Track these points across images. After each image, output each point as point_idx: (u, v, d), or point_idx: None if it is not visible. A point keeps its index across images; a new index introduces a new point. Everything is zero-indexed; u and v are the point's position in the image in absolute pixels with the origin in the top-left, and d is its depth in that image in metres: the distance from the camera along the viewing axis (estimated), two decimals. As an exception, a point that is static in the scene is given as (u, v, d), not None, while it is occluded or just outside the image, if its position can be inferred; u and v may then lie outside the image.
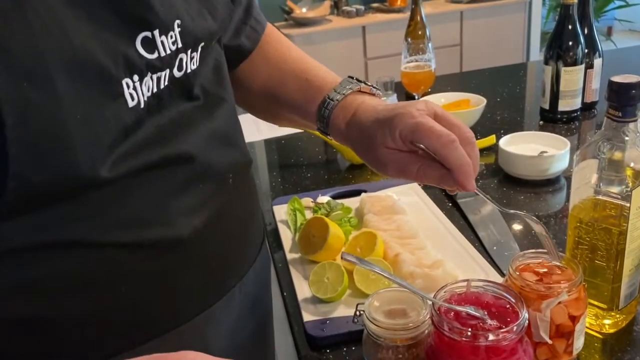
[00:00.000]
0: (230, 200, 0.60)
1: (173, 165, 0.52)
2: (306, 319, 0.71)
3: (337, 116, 0.66)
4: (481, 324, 0.53)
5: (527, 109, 1.44)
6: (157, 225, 0.51)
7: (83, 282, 0.48)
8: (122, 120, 0.47)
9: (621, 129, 0.60)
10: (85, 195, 0.46)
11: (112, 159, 0.46)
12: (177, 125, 0.53)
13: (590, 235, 0.64)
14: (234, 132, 0.64)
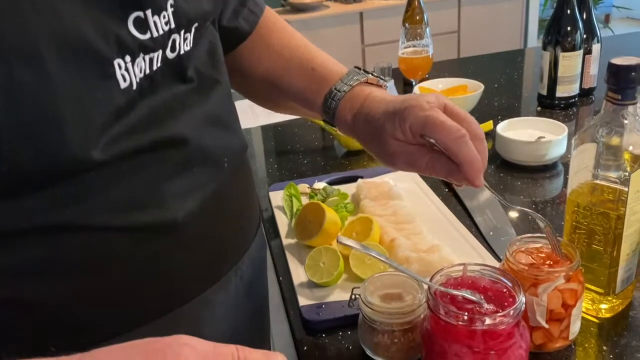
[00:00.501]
0: (225, 184, 0.59)
1: (166, 148, 0.51)
2: (302, 304, 0.71)
3: (343, 107, 0.65)
4: (478, 308, 0.53)
5: (524, 95, 1.44)
6: (151, 208, 0.51)
7: (75, 266, 0.48)
8: (114, 101, 0.47)
9: (620, 112, 0.60)
10: (78, 177, 0.45)
11: (104, 141, 0.46)
12: (170, 107, 0.52)
13: (587, 219, 0.64)
14: (229, 115, 0.63)
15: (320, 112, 0.68)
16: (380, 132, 0.60)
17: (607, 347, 0.63)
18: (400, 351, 0.61)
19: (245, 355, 0.37)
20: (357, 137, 0.66)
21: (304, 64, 0.71)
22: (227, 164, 0.59)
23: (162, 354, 0.36)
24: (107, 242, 0.48)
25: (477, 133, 0.57)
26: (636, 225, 0.63)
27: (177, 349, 0.36)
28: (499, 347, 0.51)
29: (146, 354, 0.36)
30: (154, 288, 0.53)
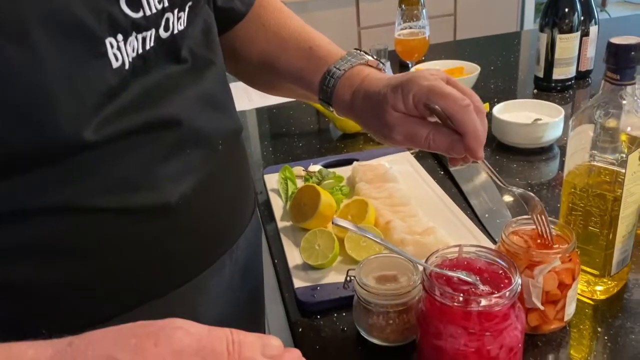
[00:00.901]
0: (220, 166, 0.58)
1: (160, 129, 0.51)
2: (297, 286, 0.71)
3: (342, 86, 0.64)
4: (473, 290, 0.52)
5: (521, 77, 1.43)
6: (144, 190, 0.50)
7: (68, 248, 0.47)
8: (106, 81, 0.46)
9: (618, 92, 0.59)
10: (70, 158, 0.45)
11: (96, 121, 0.45)
12: (163, 88, 0.51)
13: (584, 201, 0.63)
14: (224, 97, 0.62)
15: (317, 92, 0.67)
16: (381, 105, 0.59)
17: (601, 328, 0.63)
18: (395, 332, 0.61)
19: (240, 338, 0.37)
20: (355, 116, 0.64)
21: (302, 44, 0.70)
22: (221, 146, 0.58)
23: (155, 337, 0.35)
24: (100, 224, 0.48)
25: (478, 106, 0.57)
26: (633, 207, 0.63)
27: (170, 332, 0.36)
28: (495, 329, 0.51)
29: (139, 336, 0.36)
30: (148, 271, 0.52)
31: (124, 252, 0.50)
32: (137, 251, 0.51)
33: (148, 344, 0.35)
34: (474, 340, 0.51)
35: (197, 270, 0.57)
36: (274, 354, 0.38)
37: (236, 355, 0.36)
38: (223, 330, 0.37)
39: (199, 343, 0.36)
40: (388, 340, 0.61)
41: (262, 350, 0.38)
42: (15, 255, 0.45)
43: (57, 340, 0.37)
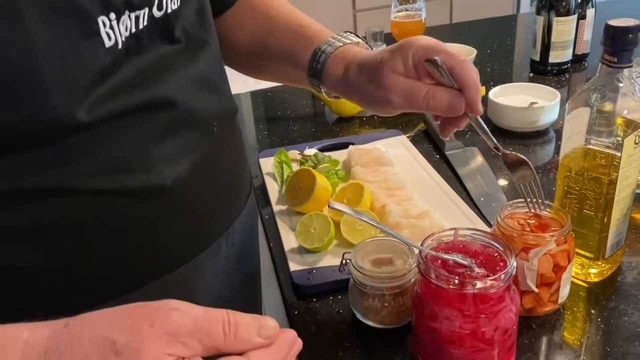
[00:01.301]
0: (215, 148, 0.58)
1: (154, 110, 0.50)
2: (292, 269, 0.71)
3: (333, 61, 0.64)
4: (469, 272, 0.52)
5: (517, 60, 1.42)
6: (139, 172, 0.50)
7: (62, 230, 0.47)
8: (99, 60, 0.45)
9: (615, 75, 0.59)
10: (63, 139, 0.44)
11: (89, 101, 0.45)
12: (157, 68, 0.51)
13: (579, 184, 0.63)
14: (219, 78, 0.61)
15: (307, 69, 0.66)
16: (378, 69, 0.58)
17: (595, 310, 0.63)
18: (391, 315, 0.61)
19: (236, 319, 0.37)
20: (348, 89, 0.63)
21: (290, 23, 0.69)
22: (217, 128, 0.58)
23: (151, 318, 0.35)
24: (94, 206, 0.48)
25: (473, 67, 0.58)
26: (627, 190, 0.63)
27: (166, 313, 0.36)
28: (490, 311, 0.51)
29: (135, 317, 0.36)
30: (143, 253, 0.52)
31: (119, 234, 0.50)
32: (132, 233, 0.51)
33: (144, 324, 0.35)
34: (469, 323, 0.51)
35: (193, 253, 0.57)
36: (270, 335, 0.38)
37: (232, 336, 0.36)
38: (219, 311, 0.37)
39: (195, 324, 0.36)
40: (383, 323, 0.62)
41: (258, 331, 0.38)
42: (7, 237, 0.45)
43: (53, 321, 0.36)
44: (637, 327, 0.60)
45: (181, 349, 0.35)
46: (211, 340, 0.36)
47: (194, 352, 0.36)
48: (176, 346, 0.35)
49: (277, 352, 0.38)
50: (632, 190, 0.64)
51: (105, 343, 0.34)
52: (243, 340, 0.37)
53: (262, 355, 0.37)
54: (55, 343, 0.35)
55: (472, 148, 0.98)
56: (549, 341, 0.60)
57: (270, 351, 0.38)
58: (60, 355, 0.34)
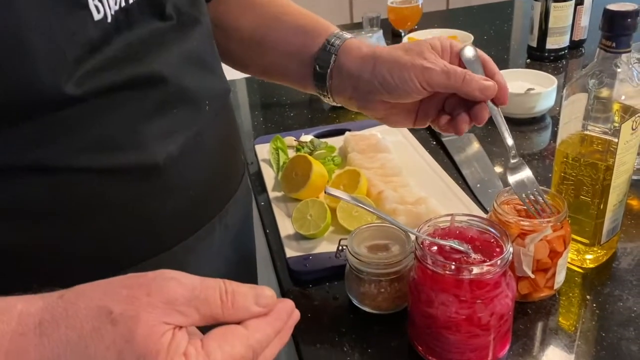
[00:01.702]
0: (207, 127, 0.57)
1: (144, 87, 0.50)
2: (289, 255, 0.71)
3: (356, 43, 0.63)
4: (465, 258, 0.52)
5: (514, 46, 1.41)
6: (129, 149, 0.49)
7: (50, 208, 0.47)
8: (88, 33, 0.45)
9: (613, 60, 0.58)
10: (52, 114, 0.44)
11: (78, 75, 0.44)
12: (148, 44, 0.50)
13: (576, 170, 0.63)
14: (211, 57, 0.61)
15: (315, 54, 0.64)
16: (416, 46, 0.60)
17: (590, 296, 0.63)
18: (387, 300, 0.61)
19: (233, 288, 0.37)
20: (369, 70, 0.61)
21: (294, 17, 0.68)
22: (208, 107, 0.57)
23: (147, 287, 0.35)
24: (84, 184, 0.47)
25: None
26: (624, 176, 0.63)
27: (162, 282, 0.36)
28: (486, 297, 0.51)
29: (131, 287, 0.35)
30: (135, 232, 0.52)
31: (110, 212, 0.50)
32: (123, 212, 0.50)
33: (140, 293, 0.35)
34: (465, 308, 0.51)
35: (186, 234, 0.57)
36: (268, 303, 0.38)
37: (229, 304, 0.36)
38: (216, 280, 0.37)
39: (192, 293, 0.36)
40: (380, 308, 0.62)
41: (256, 299, 0.38)
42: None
43: (47, 294, 0.36)
44: (631, 312, 0.61)
45: (178, 318, 0.35)
46: (208, 308, 0.36)
47: (191, 321, 0.35)
48: (173, 315, 0.35)
49: (274, 320, 0.38)
50: (629, 176, 0.64)
51: (101, 312, 0.34)
52: (240, 308, 0.37)
53: (260, 324, 0.37)
54: (50, 313, 0.35)
55: (469, 135, 0.98)
56: (544, 326, 0.60)
57: (268, 319, 0.38)
58: (55, 325, 0.34)
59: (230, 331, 0.36)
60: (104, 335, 0.34)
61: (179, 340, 0.34)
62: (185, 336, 0.35)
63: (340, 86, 0.64)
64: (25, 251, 0.47)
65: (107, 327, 0.34)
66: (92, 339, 0.34)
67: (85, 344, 0.34)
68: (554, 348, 0.58)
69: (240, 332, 0.36)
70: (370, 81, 0.61)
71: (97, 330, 0.34)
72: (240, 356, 0.35)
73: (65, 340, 0.34)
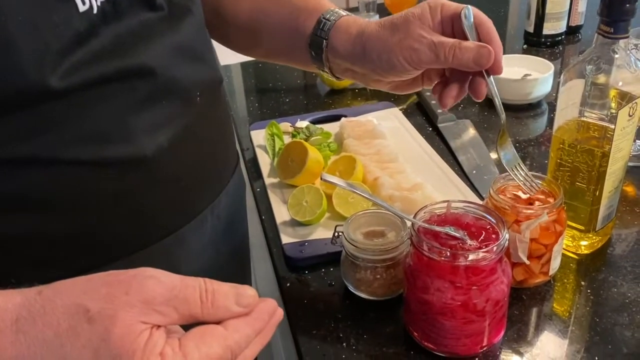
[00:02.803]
0: (197, 119, 0.57)
1: (133, 79, 0.49)
2: (284, 241, 0.71)
3: (343, 23, 0.61)
4: (461, 245, 0.52)
5: (510, 32, 1.41)
6: (118, 142, 0.49)
7: (39, 201, 0.46)
8: (73, 25, 0.44)
9: (611, 46, 0.58)
10: (38, 107, 0.43)
11: (63, 68, 0.44)
12: (137, 36, 0.49)
13: (572, 157, 0.63)
14: (202, 46, 0.60)
15: (308, 38, 0.63)
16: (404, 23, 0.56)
17: (585, 282, 0.64)
18: (382, 287, 0.61)
19: (214, 287, 0.37)
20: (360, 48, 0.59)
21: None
22: (199, 98, 0.57)
23: (126, 286, 0.35)
24: (75, 177, 0.47)
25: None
26: (620, 162, 0.63)
27: (142, 280, 0.35)
28: (481, 283, 0.51)
29: (110, 285, 0.35)
30: (125, 224, 0.52)
31: (100, 205, 0.49)
32: (113, 204, 0.50)
33: (119, 292, 0.34)
34: (461, 294, 0.51)
35: (177, 225, 0.57)
36: (249, 303, 0.38)
37: (209, 304, 0.36)
38: (196, 279, 0.37)
39: (171, 292, 0.35)
40: (375, 295, 0.62)
41: (237, 299, 0.37)
42: None
43: (25, 289, 0.36)
44: (625, 298, 0.61)
45: (156, 317, 0.35)
46: (187, 308, 0.36)
47: (169, 320, 0.35)
48: (151, 314, 0.34)
49: (255, 321, 0.38)
50: (625, 162, 0.64)
51: (78, 310, 0.34)
52: (220, 308, 0.37)
53: (240, 324, 0.37)
54: (27, 310, 0.34)
55: (465, 121, 0.97)
56: (539, 312, 0.61)
57: (248, 320, 0.38)
58: (32, 322, 0.34)
59: (209, 331, 0.36)
60: (80, 334, 0.33)
61: (156, 340, 0.34)
62: (163, 336, 0.35)
63: (339, 68, 0.64)
64: (15, 242, 0.47)
65: (83, 326, 0.34)
66: (68, 337, 0.33)
67: (60, 342, 0.33)
68: (548, 333, 0.58)
69: (219, 333, 0.36)
70: (362, 65, 0.60)
71: (74, 328, 0.34)
72: (218, 356, 0.35)
73: (42, 338, 0.34)
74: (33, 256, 0.48)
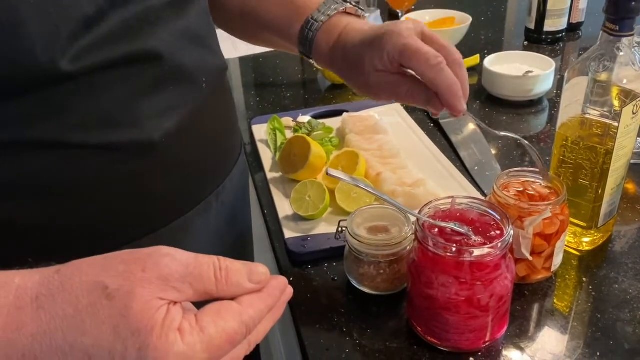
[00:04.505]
0: (203, 105, 0.57)
1: (140, 63, 0.49)
2: (287, 236, 0.71)
3: (321, 39, 0.64)
4: (466, 240, 0.53)
5: (511, 28, 1.41)
6: (126, 126, 0.49)
7: (46, 185, 0.47)
8: (82, 9, 0.44)
9: (616, 44, 0.58)
10: (47, 90, 0.44)
11: (73, 51, 0.44)
12: (144, 21, 0.49)
13: (575, 154, 0.63)
14: (208, 34, 0.60)
15: (297, 44, 0.66)
16: (360, 64, 0.59)
17: (586, 278, 0.64)
18: (386, 282, 0.61)
19: (227, 265, 0.37)
20: (336, 70, 0.64)
21: None
22: (205, 84, 0.57)
23: (143, 263, 0.35)
24: (80, 161, 0.47)
25: (455, 59, 0.57)
26: (623, 160, 0.63)
27: (158, 258, 0.36)
28: (486, 278, 0.51)
29: (127, 263, 0.35)
30: (132, 209, 0.52)
31: (106, 189, 0.50)
32: (120, 188, 0.50)
33: (136, 269, 0.35)
34: (465, 290, 0.52)
35: (183, 210, 0.57)
36: (261, 280, 0.38)
37: (223, 281, 0.37)
38: (210, 257, 0.37)
39: (187, 269, 0.36)
40: (378, 289, 0.62)
41: (249, 276, 0.38)
42: None
43: (44, 268, 0.36)
44: (626, 294, 0.61)
45: (173, 294, 0.35)
46: (202, 285, 0.36)
47: (185, 297, 0.36)
48: (168, 291, 0.35)
49: (268, 297, 0.38)
50: (627, 160, 0.64)
51: (97, 287, 0.34)
52: (234, 285, 0.37)
53: (254, 300, 0.38)
54: (47, 288, 0.35)
55: (466, 117, 0.97)
56: (541, 308, 0.61)
57: (261, 296, 0.38)
58: (52, 299, 0.34)
59: (224, 307, 0.37)
60: (99, 310, 0.34)
61: (174, 316, 0.34)
62: (180, 311, 0.35)
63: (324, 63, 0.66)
64: (22, 226, 0.47)
65: (102, 302, 0.34)
66: (88, 314, 0.34)
67: (81, 318, 0.34)
68: (549, 329, 0.58)
69: (234, 308, 0.37)
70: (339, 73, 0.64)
71: (93, 305, 0.34)
72: (234, 331, 0.36)
73: (62, 315, 0.34)
74: (39, 242, 0.48)
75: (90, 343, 0.33)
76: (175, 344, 0.33)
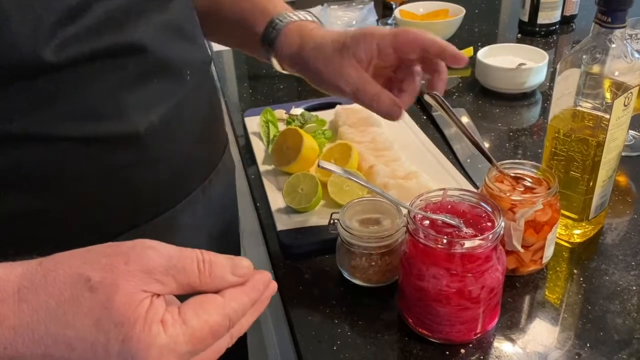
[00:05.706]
0: (188, 97, 0.57)
1: (124, 55, 0.49)
2: (280, 228, 0.71)
3: (289, 31, 0.63)
4: (457, 232, 0.53)
5: (505, 21, 1.41)
6: (109, 119, 0.49)
7: (29, 178, 0.47)
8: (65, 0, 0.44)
9: (608, 36, 0.58)
10: (31, 82, 0.44)
11: (56, 42, 0.44)
12: (128, 12, 0.49)
13: (566, 146, 0.64)
14: (191, 27, 0.60)
15: (260, 38, 0.65)
16: (338, 53, 0.59)
17: (577, 270, 0.64)
18: (377, 274, 0.61)
19: (210, 258, 0.37)
20: (300, 65, 0.63)
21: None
22: (189, 77, 0.57)
23: (125, 256, 0.35)
24: (64, 153, 0.47)
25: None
26: (614, 152, 0.63)
27: (141, 251, 0.36)
28: (477, 270, 0.52)
29: (110, 255, 0.35)
30: (117, 202, 0.52)
31: (91, 182, 0.50)
32: (105, 181, 0.50)
33: (119, 262, 0.35)
34: (456, 282, 0.52)
35: (169, 204, 0.57)
36: (244, 274, 0.38)
37: (207, 274, 0.37)
38: (193, 250, 0.37)
39: (170, 262, 0.36)
40: (370, 281, 0.62)
41: (232, 269, 0.38)
42: None
43: (26, 261, 0.36)
44: (617, 286, 0.62)
45: (156, 286, 0.35)
46: (186, 277, 0.36)
47: (169, 290, 0.36)
48: (151, 283, 0.35)
49: (251, 290, 0.39)
50: (619, 152, 0.64)
51: (79, 279, 0.34)
52: (217, 278, 0.37)
53: (237, 293, 0.38)
54: (29, 280, 0.35)
55: (459, 109, 0.97)
56: (531, 300, 0.61)
57: (244, 289, 0.38)
58: (34, 292, 0.34)
59: (207, 299, 0.37)
60: (82, 303, 0.34)
61: (157, 308, 0.34)
62: (163, 304, 0.35)
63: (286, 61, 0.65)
64: (5, 218, 0.47)
65: (85, 295, 0.34)
66: (71, 306, 0.34)
67: (63, 310, 0.34)
68: (540, 321, 0.59)
69: (217, 301, 0.37)
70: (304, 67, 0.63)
71: (76, 297, 0.34)
72: (217, 324, 0.36)
73: (45, 307, 0.34)
74: (22, 234, 0.48)
75: (72, 335, 0.33)
76: (158, 336, 0.33)
